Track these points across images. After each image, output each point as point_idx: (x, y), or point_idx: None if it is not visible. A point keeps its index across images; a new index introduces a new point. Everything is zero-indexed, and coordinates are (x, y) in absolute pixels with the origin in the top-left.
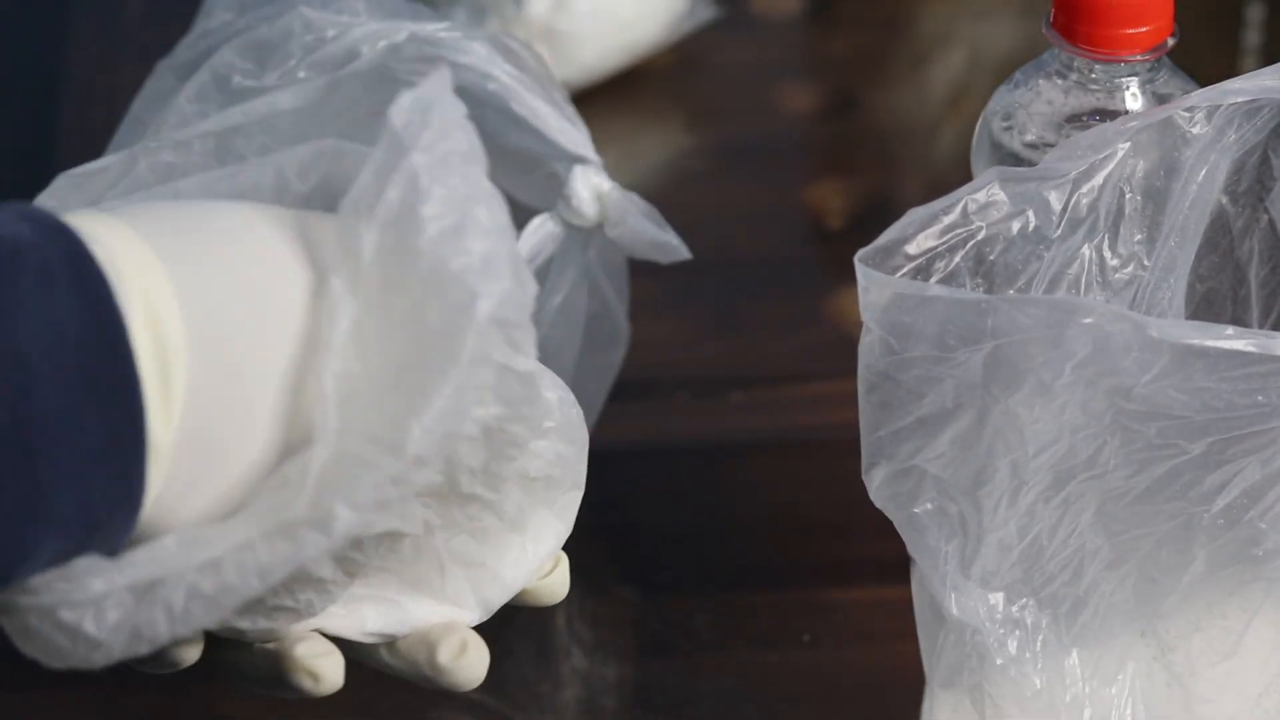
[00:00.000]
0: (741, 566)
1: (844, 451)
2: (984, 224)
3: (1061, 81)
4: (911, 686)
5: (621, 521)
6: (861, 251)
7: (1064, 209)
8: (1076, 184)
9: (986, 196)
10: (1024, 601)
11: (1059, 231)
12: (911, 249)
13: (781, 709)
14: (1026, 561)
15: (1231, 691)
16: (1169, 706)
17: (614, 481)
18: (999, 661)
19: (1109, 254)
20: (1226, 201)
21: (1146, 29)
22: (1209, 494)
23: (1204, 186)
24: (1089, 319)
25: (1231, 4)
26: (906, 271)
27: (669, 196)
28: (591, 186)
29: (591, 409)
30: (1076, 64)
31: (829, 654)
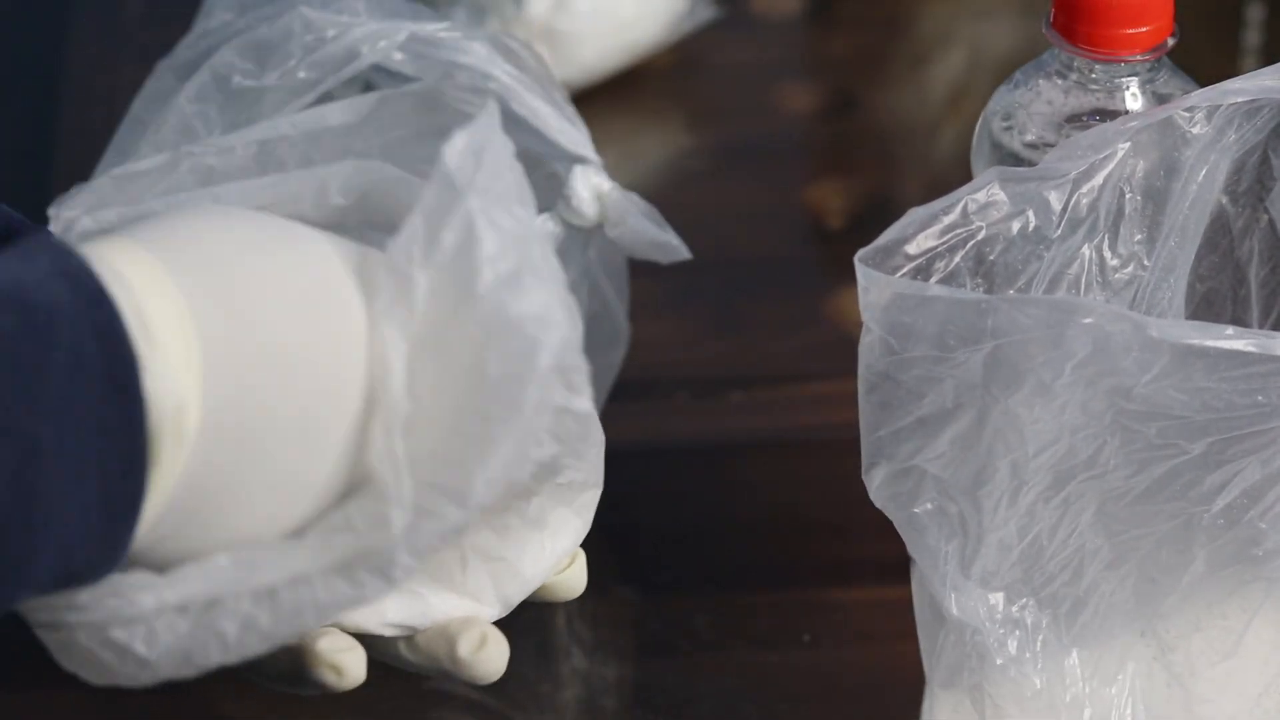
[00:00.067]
0: (741, 566)
1: (844, 451)
2: (984, 224)
3: (1061, 81)
4: (911, 686)
5: (621, 521)
6: (861, 251)
7: (1064, 209)
8: (1076, 184)
9: (986, 196)
10: (1024, 601)
11: (1059, 231)
12: (911, 249)
13: (781, 709)
14: (1026, 561)
15: (1231, 691)
16: (1169, 706)
17: (614, 481)
18: (999, 661)
19: (1109, 254)
20: (1226, 201)
21: (1146, 29)
22: (1209, 494)
23: (1204, 186)
24: (1089, 319)
25: (1231, 4)
26: (906, 271)
27: (669, 196)
28: (591, 186)
29: None
30: (1076, 64)
31: (829, 654)
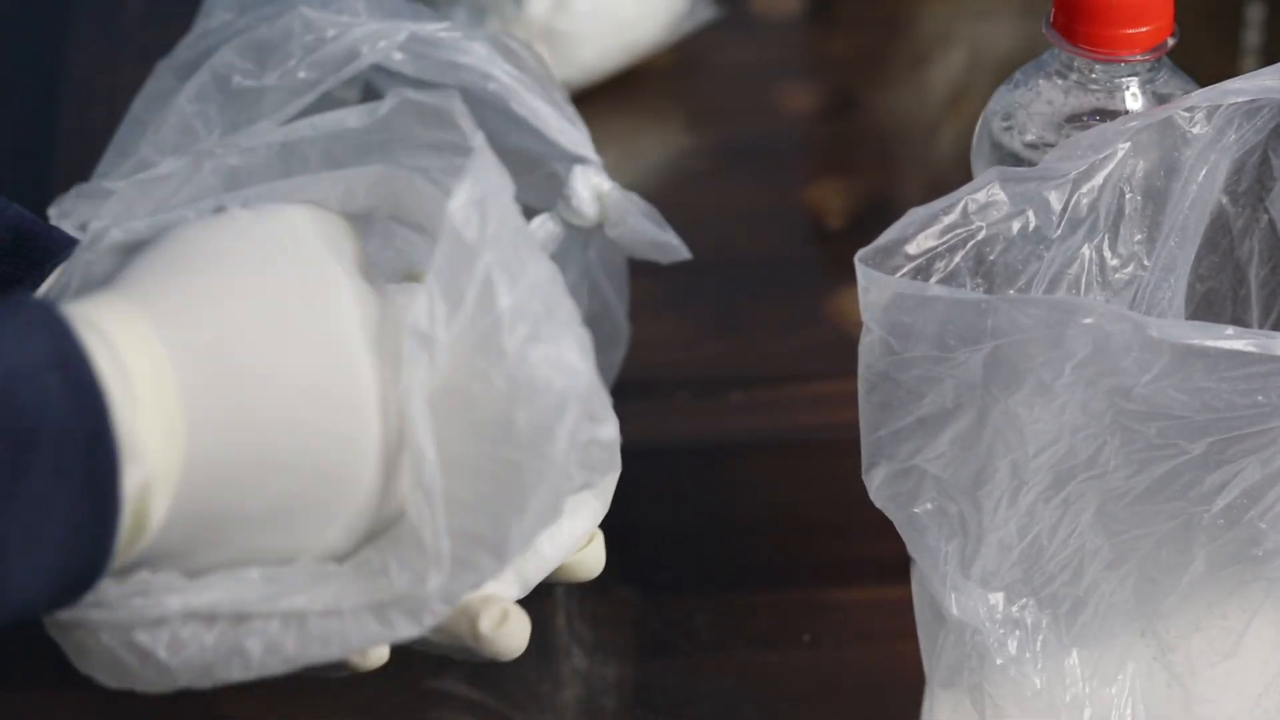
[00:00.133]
0: (741, 566)
1: (844, 451)
2: (984, 224)
3: (1061, 81)
4: (911, 686)
5: (621, 521)
6: (861, 251)
7: (1064, 209)
8: (1076, 184)
9: (986, 196)
10: (1024, 601)
11: (1059, 231)
12: (911, 249)
13: (781, 709)
14: (1026, 561)
15: (1231, 691)
16: (1169, 706)
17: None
18: (999, 661)
19: (1109, 254)
20: (1226, 201)
21: (1146, 29)
22: (1209, 494)
23: (1204, 186)
24: (1089, 319)
25: (1231, 4)
26: (906, 271)
27: (669, 196)
28: (591, 186)
29: None
30: (1076, 64)
31: (829, 654)
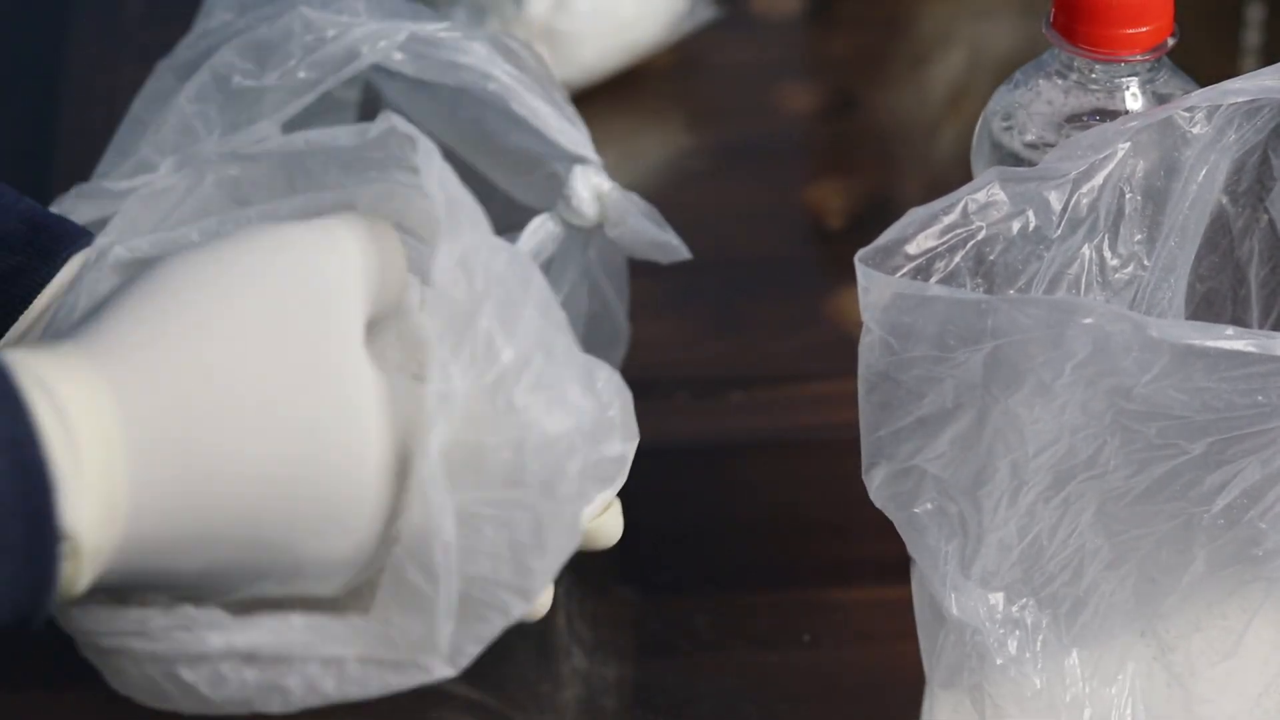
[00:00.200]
0: (741, 566)
1: (844, 451)
2: (984, 224)
3: (1061, 81)
4: (911, 686)
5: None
6: (861, 251)
7: (1064, 209)
8: (1076, 184)
9: (986, 196)
10: (1024, 601)
11: (1059, 231)
12: (911, 249)
13: (781, 709)
14: (1026, 561)
15: (1231, 691)
16: (1169, 706)
17: None
18: (999, 661)
19: (1109, 254)
20: (1226, 201)
21: (1146, 29)
22: (1209, 494)
23: (1204, 186)
24: (1089, 319)
25: (1231, 4)
26: (906, 271)
27: (669, 196)
28: (591, 186)
29: None
30: (1076, 64)
31: (829, 654)
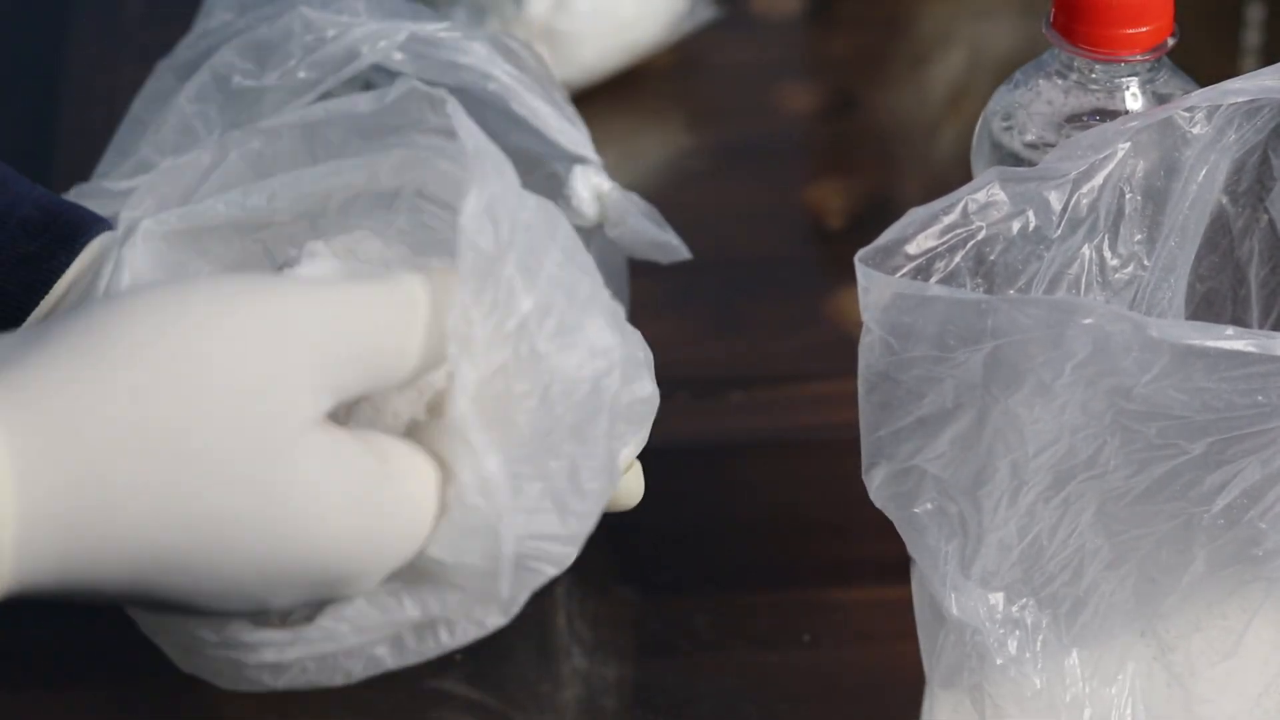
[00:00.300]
0: (741, 566)
1: (844, 451)
2: (984, 224)
3: (1061, 81)
4: (911, 686)
5: (621, 521)
6: (861, 251)
7: (1064, 209)
8: (1076, 184)
9: (986, 196)
10: (1024, 601)
11: (1059, 231)
12: (911, 249)
13: (781, 709)
14: (1026, 561)
15: (1231, 691)
16: (1169, 706)
17: None
18: (999, 661)
19: (1109, 254)
20: (1226, 201)
21: (1146, 29)
22: (1209, 494)
23: (1204, 186)
24: (1089, 319)
25: (1231, 4)
26: (906, 271)
27: (669, 196)
28: (591, 186)
29: None
30: (1076, 64)
31: (829, 654)
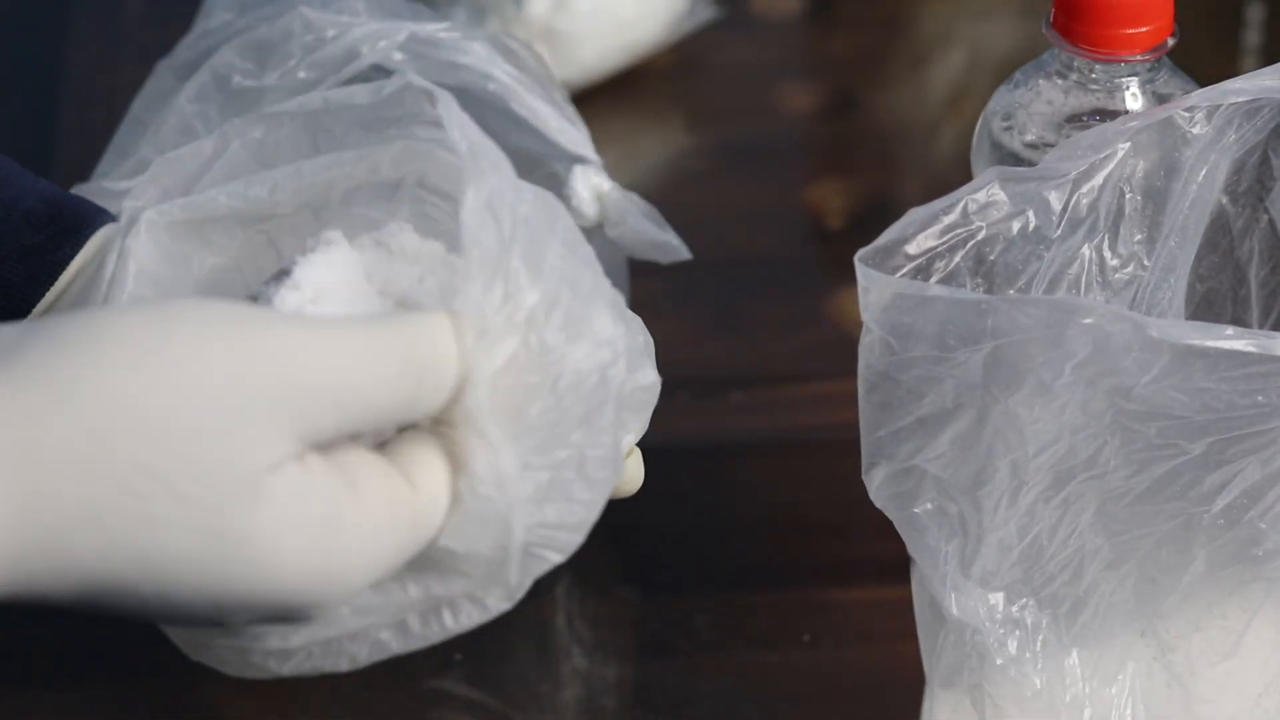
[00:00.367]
0: (741, 566)
1: (844, 451)
2: (984, 224)
3: (1061, 81)
4: (911, 686)
5: (621, 521)
6: (861, 251)
7: (1064, 209)
8: (1076, 184)
9: (986, 196)
10: (1024, 601)
11: (1059, 231)
12: (911, 249)
13: (781, 709)
14: (1026, 561)
15: (1231, 691)
16: (1169, 706)
17: None
18: (999, 661)
19: (1109, 254)
20: (1226, 201)
21: (1146, 29)
22: (1209, 494)
23: (1204, 186)
24: (1089, 319)
25: (1231, 4)
26: (906, 271)
27: (669, 196)
28: (591, 186)
29: None
30: (1076, 64)
31: (829, 654)
